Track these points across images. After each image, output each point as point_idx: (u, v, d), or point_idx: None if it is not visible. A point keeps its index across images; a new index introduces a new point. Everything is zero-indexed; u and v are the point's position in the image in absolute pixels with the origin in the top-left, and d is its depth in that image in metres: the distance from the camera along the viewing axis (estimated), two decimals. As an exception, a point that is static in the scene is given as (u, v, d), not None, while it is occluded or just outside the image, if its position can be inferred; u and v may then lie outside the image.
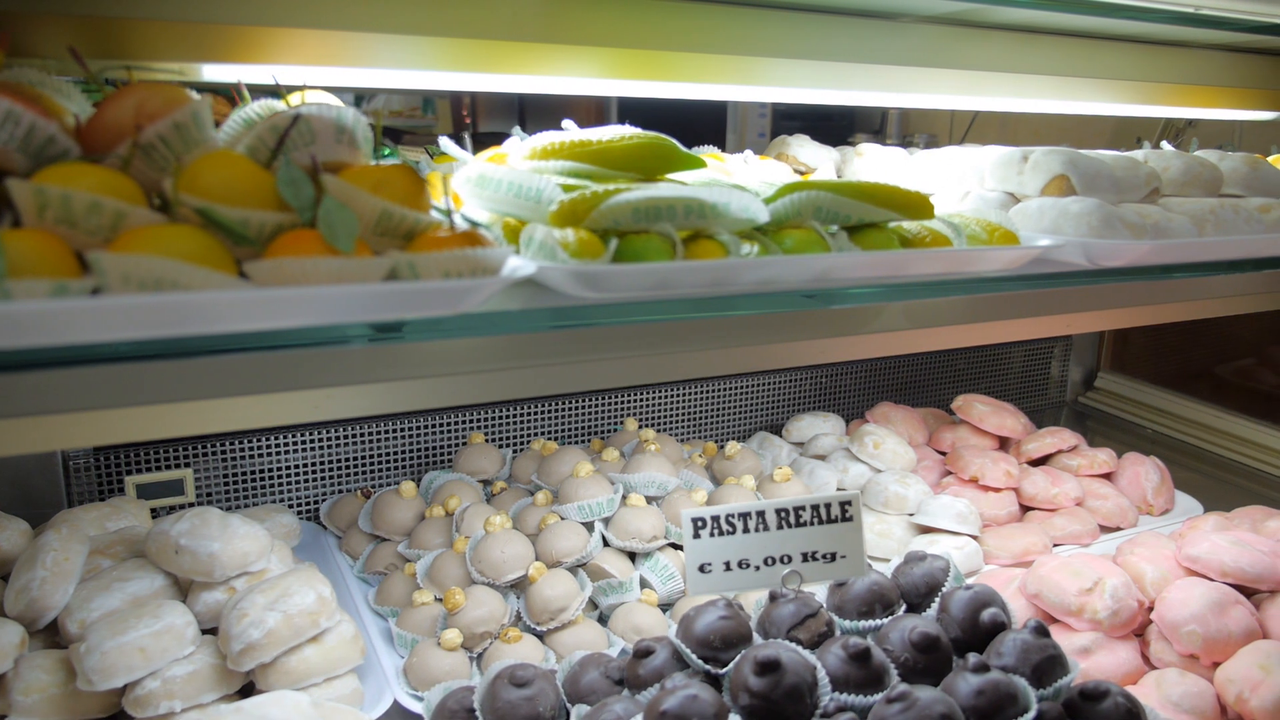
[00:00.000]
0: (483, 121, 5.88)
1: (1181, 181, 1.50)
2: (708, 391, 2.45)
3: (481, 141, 1.67)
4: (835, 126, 5.64)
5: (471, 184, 1.13)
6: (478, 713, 1.32)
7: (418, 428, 2.12)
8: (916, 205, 1.18)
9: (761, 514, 1.37)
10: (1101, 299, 1.40)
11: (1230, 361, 3.34)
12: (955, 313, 1.38)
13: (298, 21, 1.14)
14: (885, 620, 1.38)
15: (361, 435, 2.08)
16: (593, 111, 5.11)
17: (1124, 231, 1.29)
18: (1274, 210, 1.47)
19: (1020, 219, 1.39)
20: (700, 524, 1.36)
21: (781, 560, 1.38)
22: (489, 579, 1.61)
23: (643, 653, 1.35)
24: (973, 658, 1.24)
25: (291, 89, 1.27)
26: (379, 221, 0.87)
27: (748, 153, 1.59)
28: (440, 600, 1.60)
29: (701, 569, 1.37)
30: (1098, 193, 1.38)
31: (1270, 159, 1.99)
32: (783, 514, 1.37)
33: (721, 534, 1.36)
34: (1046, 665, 1.27)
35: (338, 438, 2.06)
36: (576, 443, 2.25)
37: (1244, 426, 2.70)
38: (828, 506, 1.38)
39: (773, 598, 1.39)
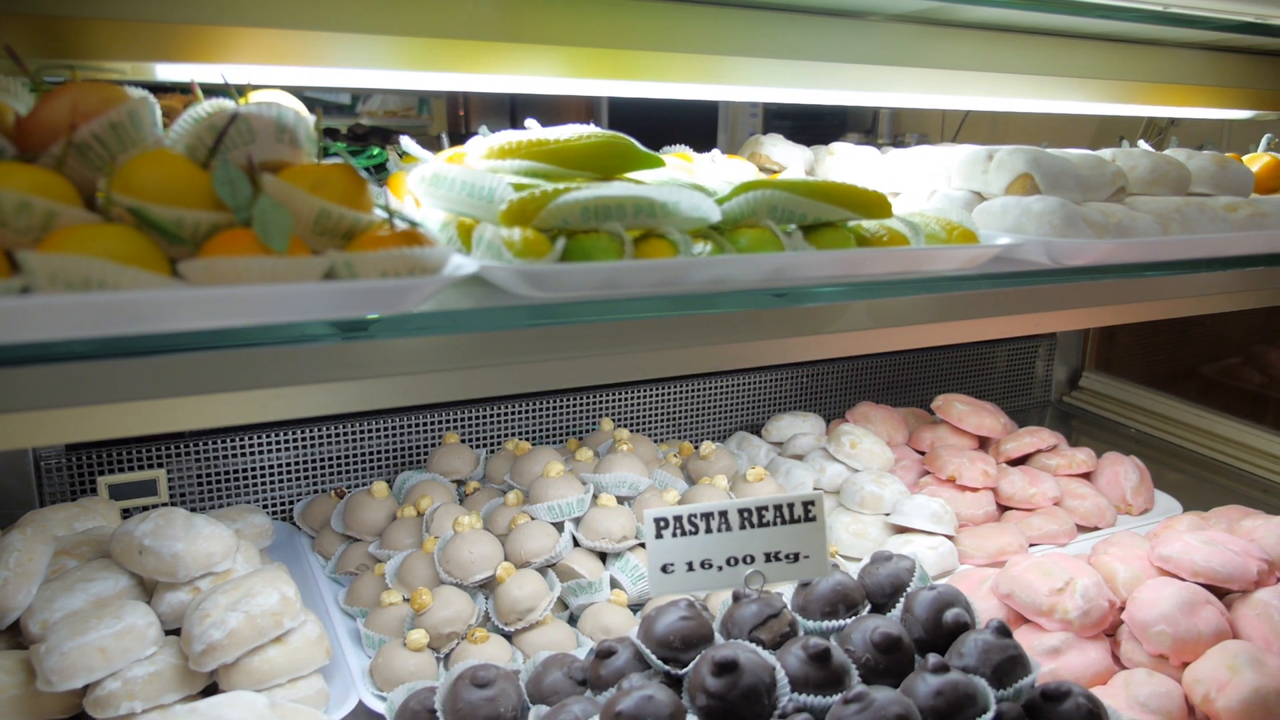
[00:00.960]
0: (475, 121, 5.88)
1: (1149, 180, 1.50)
2: (687, 391, 2.45)
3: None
4: (827, 126, 5.63)
5: (426, 183, 1.13)
6: (439, 713, 1.32)
7: (393, 427, 2.12)
8: (874, 204, 1.18)
9: (724, 514, 1.36)
10: (1066, 298, 1.39)
11: (1217, 361, 3.34)
12: (920, 312, 1.38)
13: (250, 20, 1.13)
14: (849, 620, 1.38)
15: (337, 435, 2.08)
16: (583, 111, 5.10)
17: (1086, 230, 1.29)
18: (1241, 209, 1.46)
19: (984, 218, 1.39)
20: (663, 524, 1.36)
21: (744, 560, 1.37)
22: (457, 579, 1.61)
23: (605, 653, 1.35)
24: (933, 658, 1.24)
25: (246, 88, 1.28)
26: (317, 221, 0.86)
27: (715, 152, 1.58)
28: (408, 600, 1.60)
29: (664, 569, 1.36)
30: (1062, 191, 1.37)
31: (1247, 158, 1.99)
32: (745, 514, 1.37)
33: (684, 534, 1.36)
34: (1007, 665, 1.26)
35: (312, 438, 2.06)
36: (554, 443, 2.25)
37: (1227, 426, 2.69)
38: (790, 506, 1.37)
39: (736, 598, 1.38)
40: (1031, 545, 2.04)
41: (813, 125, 5.67)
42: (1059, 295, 1.37)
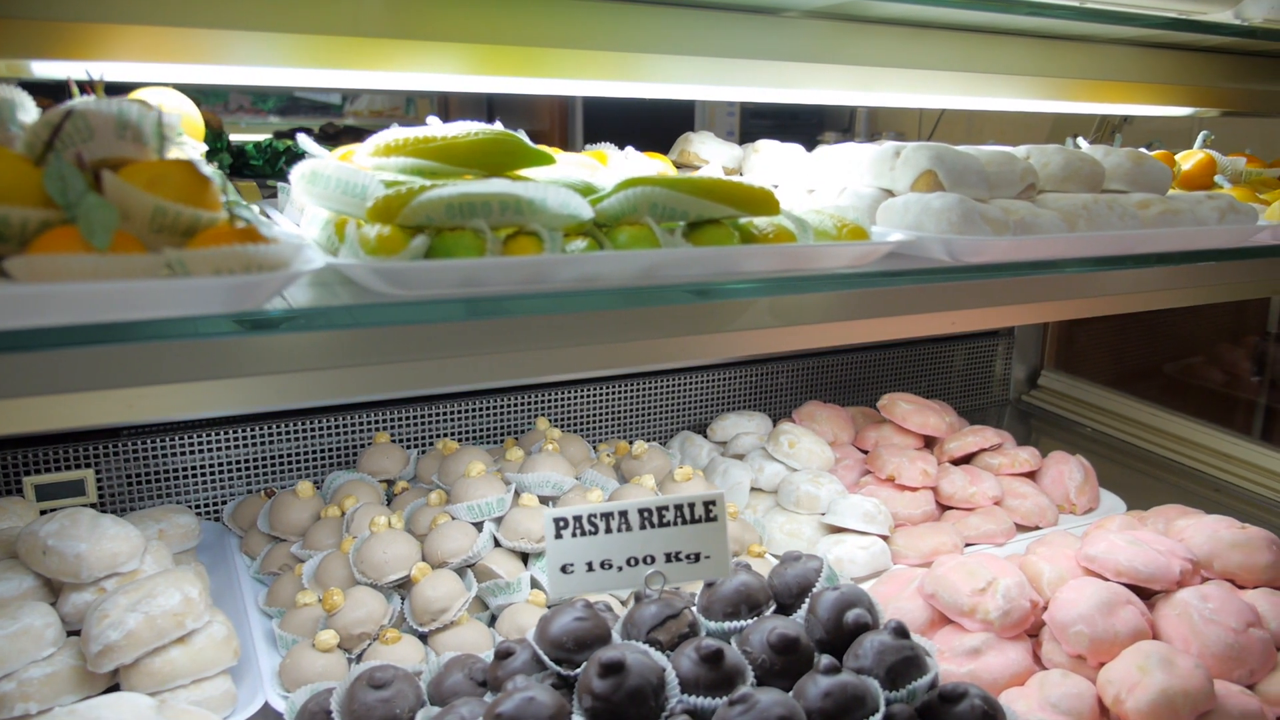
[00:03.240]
0: (454, 119, 5.90)
1: (1061, 177, 1.48)
2: (633, 391, 2.44)
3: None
4: (804, 125, 5.62)
5: (305, 181, 1.12)
6: (335, 714, 1.31)
7: (328, 427, 2.11)
8: (759, 201, 1.16)
9: (624, 514, 1.35)
10: (969, 296, 1.38)
11: (1179, 359, 3.32)
12: (824, 310, 1.37)
13: (126, 18, 1.12)
14: (751, 621, 1.37)
15: (270, 435, 2.07)
16: (557, 110, 5.11)
17: (984, 227, 1.27)
18: (1153, 206, 1.45)
19: (887, 215, 1.37)
20: (562, 524, 1.35)
21: (645, 561, 1.36)
22: (370, 579, 1.60)
23: (503, 654, 1.34)
24: (824, 659, 1.23)
25: (136, 86, 1.27)
26: (153, 218, 0.85)
27: (629, 149, 1.58)
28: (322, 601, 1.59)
29: (564, 569, 1.35)
30: (966, 188, 1.36)
31: (1181, 155, 1.98)
32: (645, 514, 1.36)
33: (584, 534, 1.35)
34: (901, 666, 1.25)
35: (245, 438, 2.05)
36: (494, 443, 2.24)
37: (1182, 425, 2.68)
38: (691, 507, 1.36)
39: (638, 599, 1.37)
40: (969, 545, 2.03)
41: (791, 124, 5.67)
42: (961, 293, 1.36)
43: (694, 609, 1.38)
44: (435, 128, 1.22)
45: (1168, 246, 1.41)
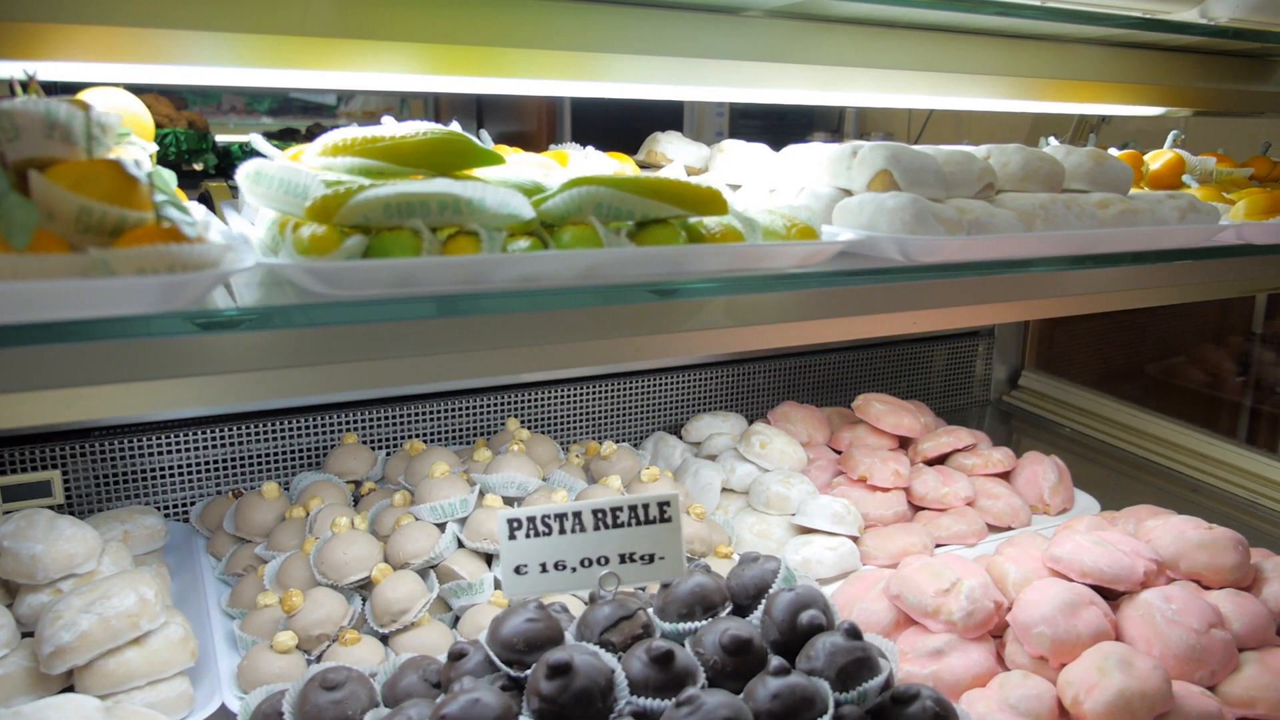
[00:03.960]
0: (445, 120, 5.91)
1: (1020, 177, 1.48)
2: (610, 391, 2.43)
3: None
4: (793, 125, 5.62)
5: (249, 180, 1.12)
6: (286, 715, 1.30)
7: (297, 428, 2.11)
8: (706, 201, 1.16)
9: (578, 515, 1.35)
10: (929, 296, 1.38)
11: (1161, 360, 3.32)
12: (780, 310, 1.36)
13: (68, 17, 1.12)
14: (706, 623, 1.36)
15: (239, 436, 2.07)
16: (545, 111, 5.10)
17: (938, 227, 1.27)
18: (1113, 205, 1.45)
19: (843, 214, 1.37)
20: (516, 525, 1.34)
21: (599, 562, 1.36)
22: (331, 580, 1.59)
23: (456, 655, 1.33)
24: (775, 661, 1.22)
25: (85, 86, 1.26)
26: (79, 218, 0.85)
27: (589, 149, 1.57)
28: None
29: (518, 570, 1.35)
30: (922, 188, 1.36)
31: (1150, 155, 1.98)
32: (600, 515, 1.35)
33: (538, 535, 1.35)
34: (852, 668, 1.25)
35: (214, 439, 2.05)
36: (464, 444, 2.24)
37: (1160, 425, 2.67)
38: (645, 507, 1.36)
39: (593, 600, 1.37)
40: (939, 546, 2.03)
41: (779, 125, 5.67)
42: (916, 293, 1.36)
43: (649, 610, 1.38)
44: (385, 128, 1.22)
45: (1126, 246, 1.41)
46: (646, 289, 1.11)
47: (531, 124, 5.04)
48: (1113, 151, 1.98)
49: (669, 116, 5.18)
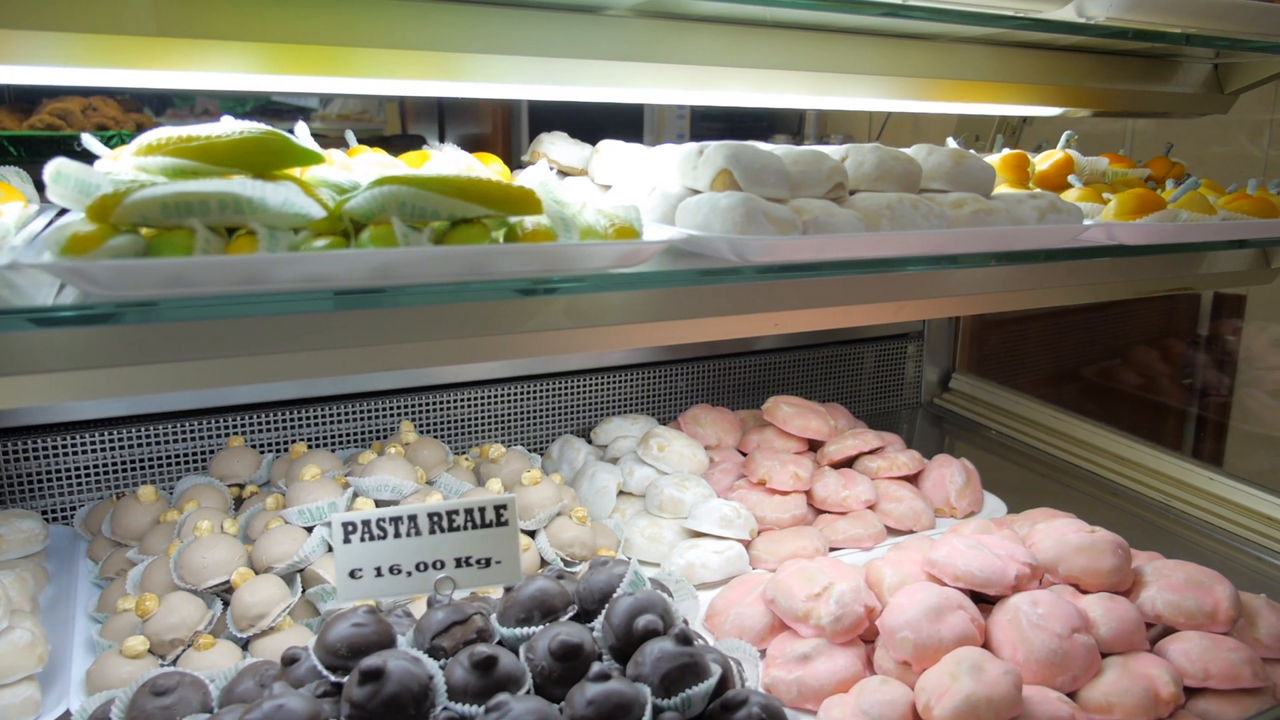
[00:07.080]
0: (411, 123, 5.90)
1: (875, 177, 1.46)
2: (518, 394, 2.42)
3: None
4: (756, 127, 5.61)
5: (50, 179, 1.10)
6: (115, 722, 1.29)
7: (185, 432, 2.09)
8: (518, 200, 1.14)
9: (414, 518, 1.33)
10: (765, 297, 1.36)
11: (1096, 363, 3.30)
12: (624, 310, 1.35)
13: None
14: (542, 628, 1.34)
15: (129, 439, 2.05)
16: (500, 111, 5.09)
17: (769, 227, 1.25)
18: (967, 205, 1.43)
19: (683, 214, 1.36)
20: (350, 528, 1.33)
21: (435, 566, 1.34)
22: (190, 584, 1.58)
23: (288, 661, 1.32)
24: (596, 667, 1.21)
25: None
26: None
27: (447, 146, 1.56)
28: (141, 607, 1.57)
29: (352, 574, 1.33)
30: (763, 188, 1.34)
31: (1041, 155, 1.96)
32: (435, 518, 1.34)
33: (373, 539, 1.33)
34: (676, 673, 1.23)
35: (102, 442, 2.03)
36: (365, 447, 2.22)
37: (1082, 429, 2.66)
38: (482, 511, 1.34)
39: (430, 604, 1.35)
40: (834, 549, 2.01)
41: (740, 128, 5.66)
42: (753, 294, 1.35)
43: (487, 615, 1.36)
44: (202, 126, 1.20)
45: (976, 247, 1.39)
46: (448, 290, 1.10)
47: (487, 126, 5.02)
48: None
49: (629, 118, 5.17)
